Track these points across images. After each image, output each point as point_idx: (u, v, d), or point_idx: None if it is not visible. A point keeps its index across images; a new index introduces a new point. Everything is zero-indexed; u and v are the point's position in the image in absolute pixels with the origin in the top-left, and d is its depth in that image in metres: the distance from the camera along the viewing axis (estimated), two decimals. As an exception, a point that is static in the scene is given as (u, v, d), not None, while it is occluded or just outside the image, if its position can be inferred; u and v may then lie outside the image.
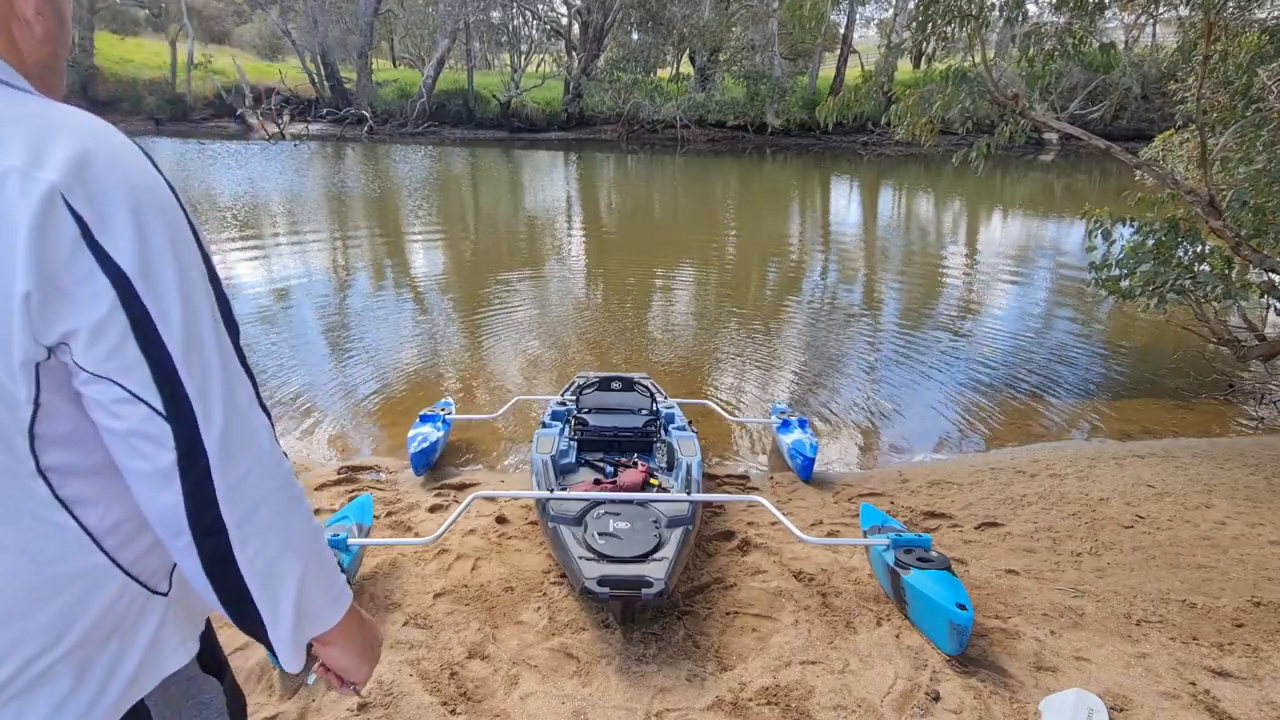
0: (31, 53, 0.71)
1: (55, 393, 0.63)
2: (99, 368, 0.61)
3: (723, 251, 9.89)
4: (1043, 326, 6.55)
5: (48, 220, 0.57)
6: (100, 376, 0.61)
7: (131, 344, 0.61)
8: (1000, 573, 2.69)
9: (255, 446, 0.69)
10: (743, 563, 2.71)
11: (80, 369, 0.61)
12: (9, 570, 0.64)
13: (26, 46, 0.70)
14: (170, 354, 0.62)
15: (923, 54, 15.68)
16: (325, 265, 8.17)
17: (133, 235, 0.60)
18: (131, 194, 0.61)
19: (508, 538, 2.85)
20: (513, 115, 26.31)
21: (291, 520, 0.72)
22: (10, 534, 0.64)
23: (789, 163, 21.45)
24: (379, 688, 1.97)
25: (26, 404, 0.61)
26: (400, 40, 35.08)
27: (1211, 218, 3.98)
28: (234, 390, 0.68)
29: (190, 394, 0.64)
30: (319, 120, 24.84)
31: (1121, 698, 1.98)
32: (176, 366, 0.63)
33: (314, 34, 24.80)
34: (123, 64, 24.83)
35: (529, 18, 28.95)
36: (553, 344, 5.70)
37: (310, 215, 10.99)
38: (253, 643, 2.11)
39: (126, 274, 0.60)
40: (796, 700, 1.97)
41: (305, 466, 3.64)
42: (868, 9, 31.73)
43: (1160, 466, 3.75)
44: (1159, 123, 12.70)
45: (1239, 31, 4.38)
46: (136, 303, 0.60)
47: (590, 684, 2.04)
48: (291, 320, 6.11)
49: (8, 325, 0.58)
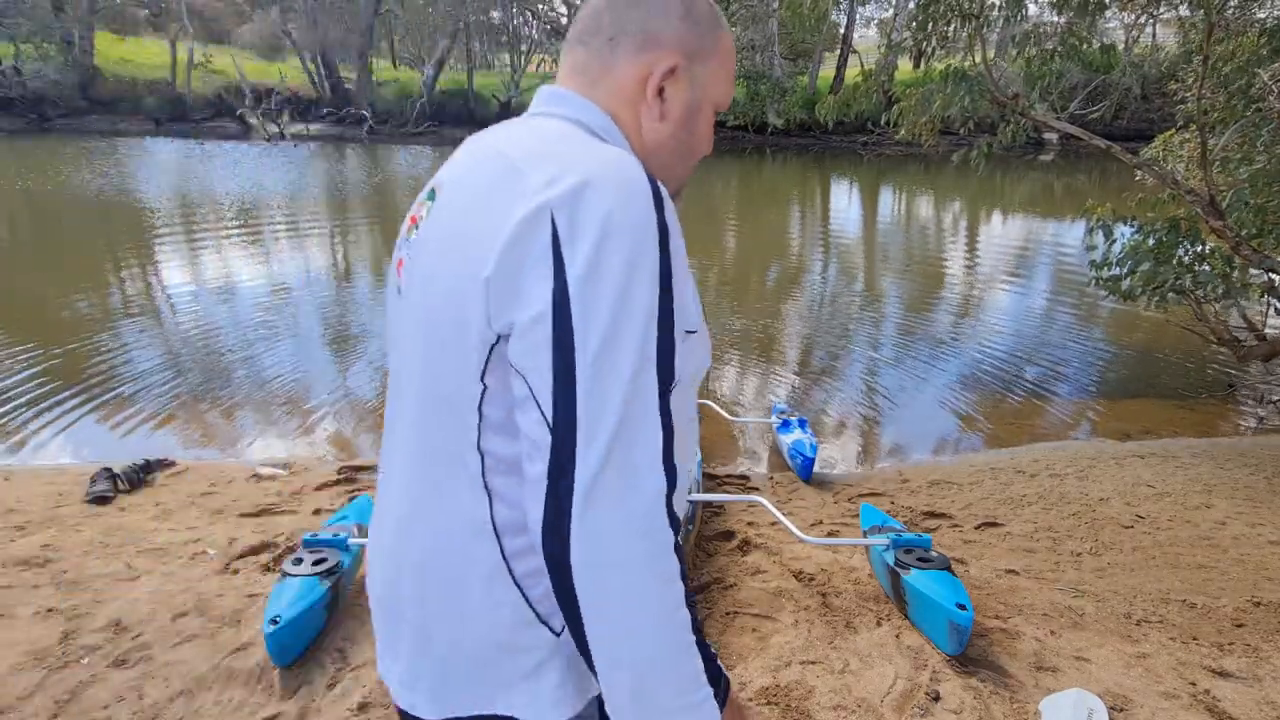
0: (651, 134, 0.79)
1: (498, 380, 0.67)
2: (518, 362, 0.64)
3: (722, 251, 9.88)
4: (1043, 326, 6.55)
5: (531, 226, 0.63)
6: (517, 370, 0.64)
7: (547, 348, 0.61)
8: (1000, 573, 2.69)
9: (634, 503, 0.60)
10: (743, 563, 2.70)
11: (509, 360, 0.65)
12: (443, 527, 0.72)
13: (647, 127, 0.79)
14: (576, 370, 0.61)
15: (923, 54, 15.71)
16: (325, 265, 8.17)
17: (589, 252, 0.61)
18: (608, 220, 0.62)
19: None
20: (513, 115, 26.25)
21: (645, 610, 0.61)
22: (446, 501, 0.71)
23: (789, 162, 21.45)
24: (379, 688, 1.97)
25: (477, 381, 0.67)
26: (400, 40, 35.08)
27: (1212, 218, 3.98)
28: (634, 432, 0.61)
29: (579, 415, 0.60)
30: (319, 120, 24.83)
31: (1121, 698, 1.97)
32: (577, 384, 0.60)
33: (314, 34, 24.81)
34: (123, 64, 24.83)
35: (529, 17, 28.96)
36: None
37: (310, 215, 10.99)
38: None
39: (568, 283, 0.61)
40: (796, 700, 1.97)
41: (305, 466, 3.64)
42: (868, 9, 31.74)
43: (1160, 466, 3.75)
44: (1159, 123, 12.69)
45: (1240, 31, 4.37)
46: (565, 311, 0.61)
47: (590, 684, 2.04)
48: (291, 320, 6.11)
49: (473, 304, 0.65)
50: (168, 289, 6.86)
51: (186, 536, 2.81)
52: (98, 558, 2.61)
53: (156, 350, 5.25)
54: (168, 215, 10.36)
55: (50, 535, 2.78)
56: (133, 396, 4.42)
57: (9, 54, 21.82)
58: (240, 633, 2.17)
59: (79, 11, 24.00)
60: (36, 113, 22.59)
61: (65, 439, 3.92)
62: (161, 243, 8.70)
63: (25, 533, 2.81)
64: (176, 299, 6.53)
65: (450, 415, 0.70)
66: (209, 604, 2.32)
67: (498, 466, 0.69)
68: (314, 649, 2.11)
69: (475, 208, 0.68)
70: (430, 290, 0.71)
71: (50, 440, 3.90)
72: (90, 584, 2.43)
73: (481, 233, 0.66)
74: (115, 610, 2.27)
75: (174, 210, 10.75)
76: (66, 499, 3.16)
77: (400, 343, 0.78)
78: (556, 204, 0.62)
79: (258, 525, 2.94)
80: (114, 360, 4.97)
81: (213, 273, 7.51)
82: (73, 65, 23.00)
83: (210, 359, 5.10)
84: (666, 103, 0.78)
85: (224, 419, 4.24)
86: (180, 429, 4.09)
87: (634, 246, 0.63)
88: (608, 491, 0.60)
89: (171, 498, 3.22)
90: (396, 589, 0.76)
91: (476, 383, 0.67)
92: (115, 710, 1.87)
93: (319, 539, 2.32)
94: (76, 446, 3.85)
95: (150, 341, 5.41)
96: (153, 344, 5.36)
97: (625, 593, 0.61)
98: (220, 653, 2.08)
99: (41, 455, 3.76)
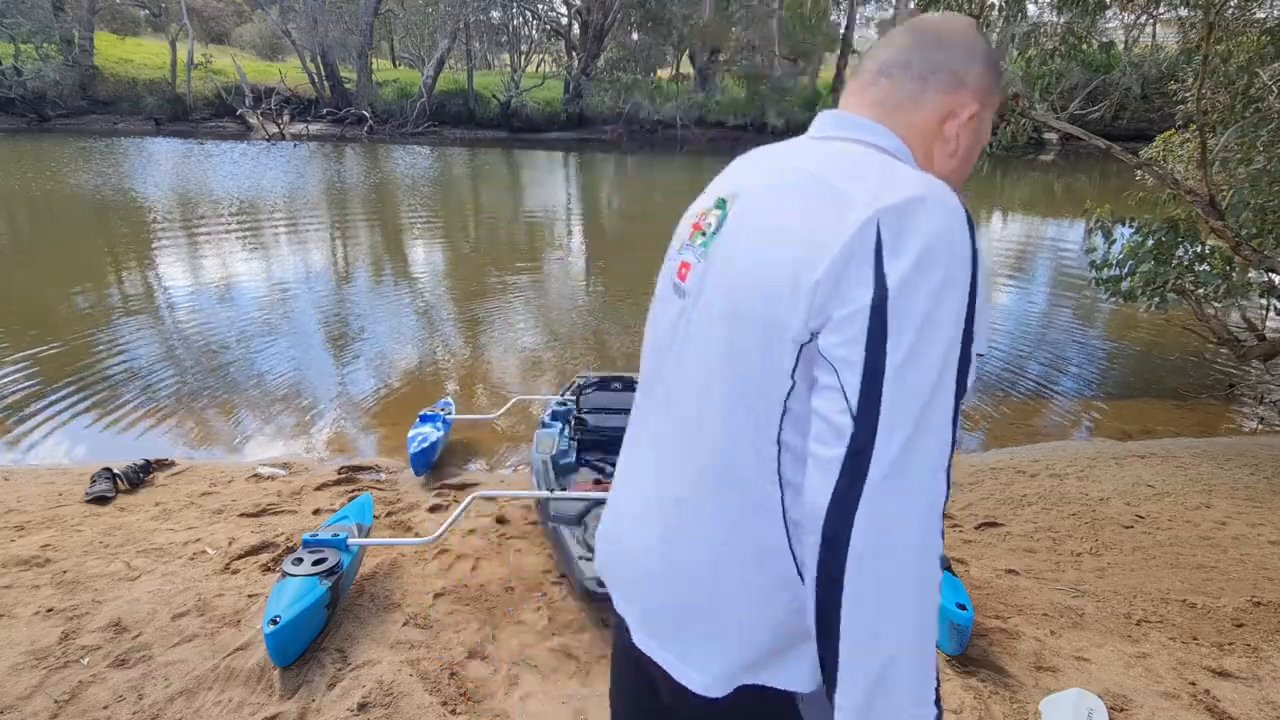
0: (940, 166, 0.87)
1: (803, 378, 0.73)
2: (831, 352, 0.69)
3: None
4: (1043, 326, 6.55)
5: (862, 234, 0.69)
6: (826, 360, 0.69)
7: (860, 344, 0.67)
8: (1000, 573, 2.69)
9: (919, 500, 0.66)
10: (743, 563, 2.70)
11: (818, 351, 0.70)
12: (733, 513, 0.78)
13: (939, 160, 0.87)
14: (885, 371, 0.66)
15: (923, 54, 15.55)
16: (324, 265, 8.17)
17: (909, 266, 0.67)
18: (929, 239, 0.68)
19: (508, 538, 2.85)
20: (513, 115, 26.29)
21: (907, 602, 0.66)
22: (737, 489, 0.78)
23: (789, 163, 21.38)
24: (379, 688, 1.97)
25: (787, 378, 0.73)
26: (400, 40, 35.06)
27: (1212, 218, 3.98)
28: (927, 437, 0.67)
29: (883, 412, 0.66)
30: (319, 120, 24.81)
31: (1121, 698, 1.98)
32: (884, 384, 0.66)
33: (314, 34, 24.77)
34: (123, 64, 24.80)
35: (529, 18, 28.95)
36: (553, 344, 5.70)
37: (310, 215, 10.99)
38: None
39: (887, 289, 0.67)
40: (796, 700, 1.97)
41: (305, 466, 3.64)
42: (868, 9, 31.73)
43: (1160, 466, 3.75)
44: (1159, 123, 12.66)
45: (1239, 31, 4.37)
46: (880, 314, 0.67)
47: (590, 684, 2.04)
48: (291, 319, 6.11)
49: (792, 306, 0.71)
50: (167, 288, 6.86)
51: (186, 536, 2.81)
52: (98, 558, 2.61)
53: (156, 350, 5.25)
54: (167, 215, 10.36)
55: (50, 535, 2.78)
56: (133, 396, 4.42)
57: (9, 54, 21.79)
58: (240, 633, 2.17)
59: (79, 11, 23.98)
60: (36, 113, 22.57)
61: (65, 439, 3.92)
62: (161, 242, 8.69)
63: (25, 533, 2.81)
64: (176, 299, 6.53)
65: (751, 409, 0.76)
66: (209, 604, 2.32)
67: (792, 457, 0.76)
68: (314, 649, 2.11)
69: (793, 223, 0.74)
70: (736, 294, 0.77)
71: (50, 440, 3.90)
72: (90, 584, 2.43)
73: (806, 244, 0.72)
74: (115, 610, 2.27)
75: (174, 210, 10.74)
76: (66, 499, 3.16)
77: (677, 343, 0.85)
78: (884, 216, 0.69)
79: (258, 525, 2.94)
80: (114, 360, 4.97)
81: (212, 272, 7.50)
82: (73, 65, 22.96)
83: (210, 359, 5.10)
84: (959, 140, 0.86)
85: (224, 419, 4.24)
86: (180, 429, 4.09)
87: (950, 266, 0.69)
88: (898, 485, 0.65)
89: (171, 498, 3.22)
90: (669, 569, 0.84)
91: (786, 379, 0.73)
92: (115, 710, 1.87)
93: (319, 539, 2.32)
94: (76, 446, 3.85)
95: (150, 341, 5.41)
96: (152, 344, 5.36)
97: (895, 580, 0.65)
98: (220, 653, 2.08)
99: (41, 455, 3.76)
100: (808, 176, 0.78)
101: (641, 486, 0.90)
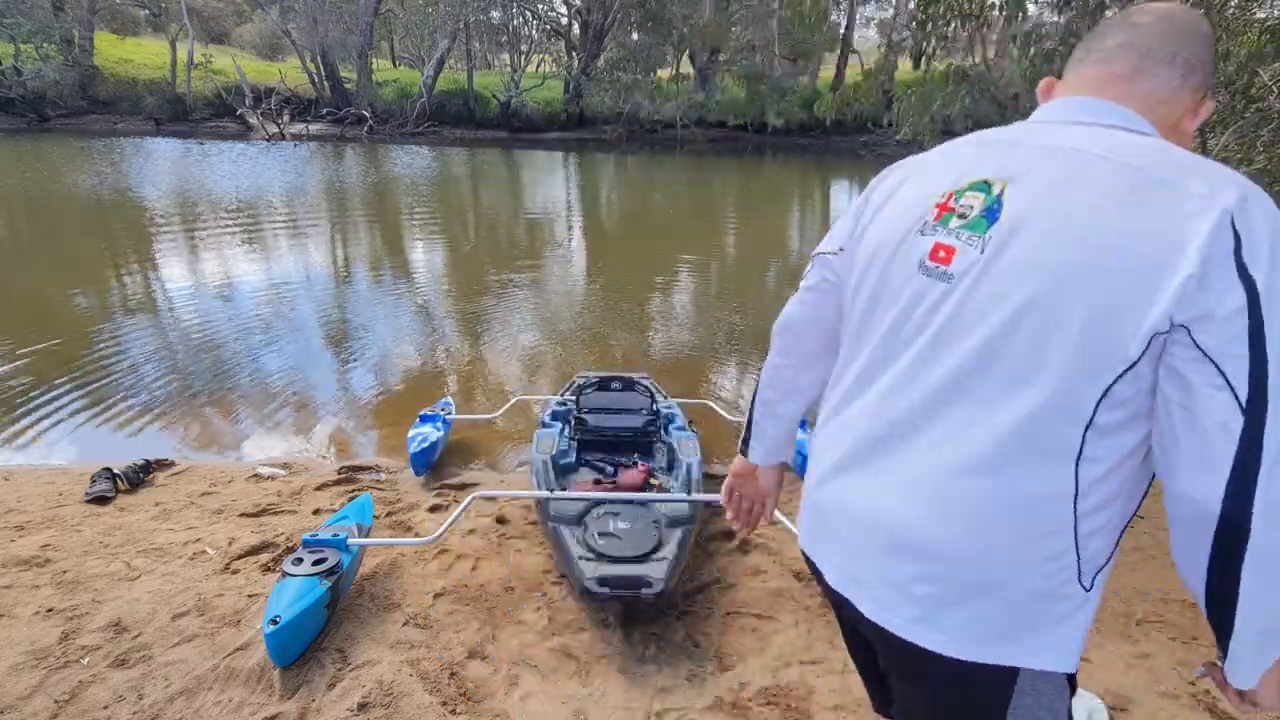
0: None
1: (1145, 364, 0.77)
2: (1212, 351, 0.73)
3: (723, 251, 9.88)
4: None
5: (1219, 231, 0.74)
6: (1208, 359, 0.73)
7: (1243, 340, 0.72)
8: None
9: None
10: (743, 563, 2.71)
11: (1195, 348, 0.74)
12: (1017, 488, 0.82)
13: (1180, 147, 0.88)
14: (1268, 360, 0.72)
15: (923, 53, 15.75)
16: (324, 264, 8.17)
17: (1267, 260, 0.73)
18: (1273, 232, 0.75)
19: (508, 538, 2.85)
20: (513, 115, 26.30)
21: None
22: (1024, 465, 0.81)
23: (789, 162, 21.45)
24: (379, 688, 1.97)
25: (1121, 362, 0.77)
26: (400, 40, 35.08)
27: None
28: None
29: (1270, 399, 0.72)
30: (319, 120, 24.82)
31: (1121, 698, 1.98)
32: (1269, 372, 0.72)
33: (314, 34, 24.78)
34: (122, 64, 24.82)
35: (529, 18, 28.96)
36: (553, 343, 5.70)
37: (309, 214, 10.99)
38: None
39: (1257, 286, 0.73)
40: (796, 700, 1.97)
41: (305, 466, 3.64)
42: (868, 9, 31.75)
43: (1160, 466, 3.75)
44: (1159, 122, 12.66)
45: (1240, 31, 4.37)
46: (1257, 310, 0.72)
47: (590, 684, 2.04)
48: (291, 319, 6.11)
49: (1155, 297, 0.74)
50: (167, 288, 6.85)
51: (186, 536, 2.81)
52: (98, 558, 2.61)
53: (156, 350, 5.24)
54: (167, 214, 10.36)
55: (50, 535, 2.78)
56: (133, 396, 4.42)
57: (9, 54, 21.80)
58: (240, 633, 2.17)
59: (79, 11, 23.99)
60: (36, 112, 22.59)
61: (65, 438, 3.92)
62: (161, 242, 8.69)
63: (25, 533, 2.81)
64: (176, 298, 6.53)
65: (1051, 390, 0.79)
66: (209, 604, 2.32)
67: (1103, 435, 0.80)
68: (314, 649, 2.11)
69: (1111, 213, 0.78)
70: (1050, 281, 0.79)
71: (50, 440, 3.89)
72: (90, 584, 2.43)
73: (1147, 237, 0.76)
74: (115, 610, 2.27)
75: (174, 210, 10.75)
76: (66, 499, 3.16)
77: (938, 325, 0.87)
78: (1235, 216, 0.74)
79: (258, 525, 2.94)
80: (114, 360, 4.97)
81: (212, 272, 7.50)
82: (72, 65, 22.97)
83: (210, 358, 5.10)
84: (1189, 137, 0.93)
85: (224, 419, 4.24)
86: (180, 429, 4.09)
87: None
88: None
89: (171, 498, 3.22)
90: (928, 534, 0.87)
91: (1120, 364, 0.76)
92: (115, 710, 1.87)
93: (319, 539, 2.32)
94: (76, 446, 3.85)
95: (150, 341, 5.41)
96: (152, 343, 5.36)
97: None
98: (220, 653, 2.08)
99: (41, 455, 3.76)
100: (1113, 165, 0.80)
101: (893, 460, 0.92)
